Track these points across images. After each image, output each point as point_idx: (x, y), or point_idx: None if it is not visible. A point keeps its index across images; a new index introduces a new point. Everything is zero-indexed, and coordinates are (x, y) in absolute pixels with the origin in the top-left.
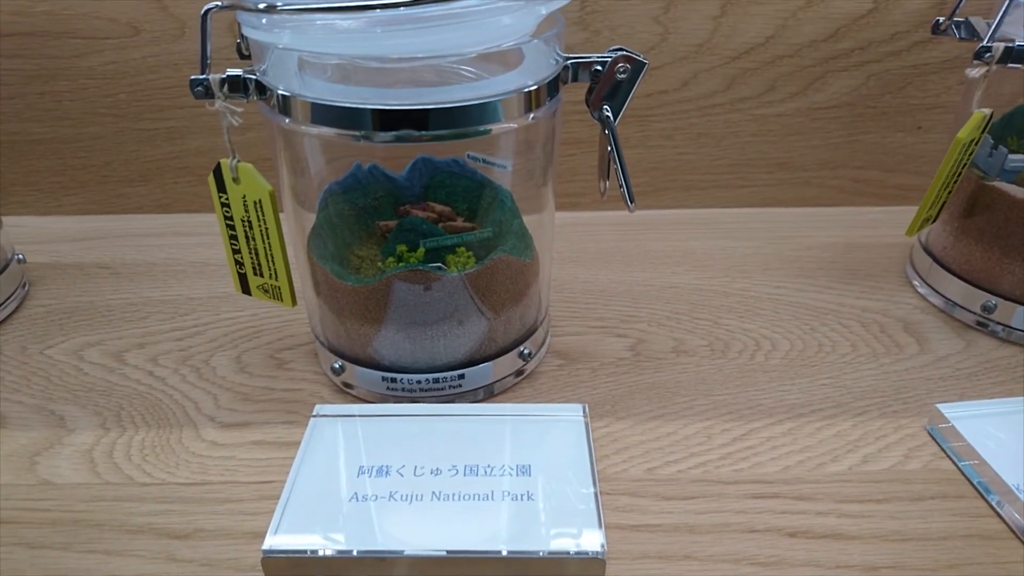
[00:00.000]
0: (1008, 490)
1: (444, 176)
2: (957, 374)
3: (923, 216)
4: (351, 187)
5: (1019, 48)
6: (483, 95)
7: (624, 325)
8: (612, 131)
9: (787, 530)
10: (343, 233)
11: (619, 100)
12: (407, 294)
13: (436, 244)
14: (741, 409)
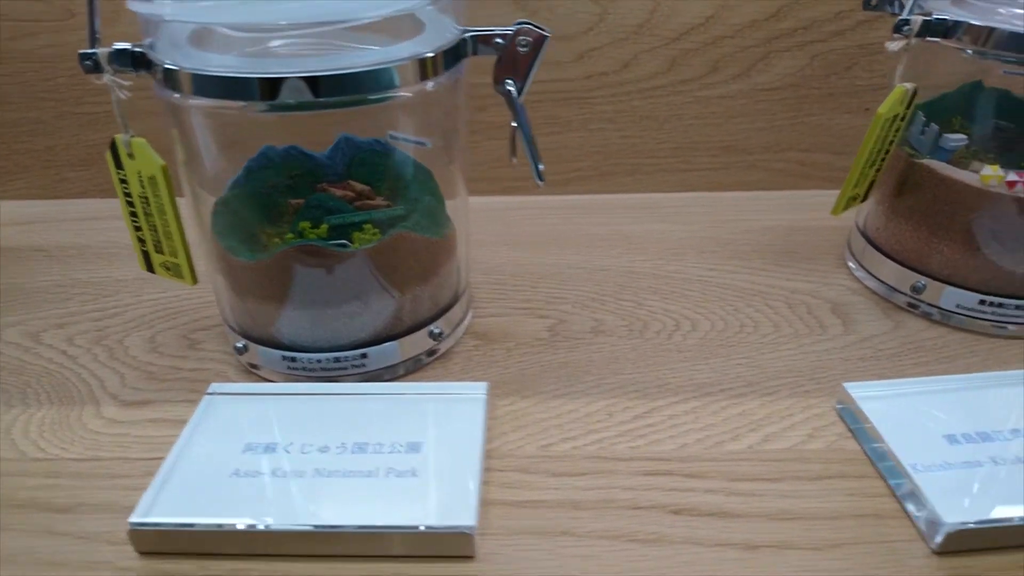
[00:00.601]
0: (902, 469)
1: (366, 155)
2: (879, 355)
3: (848, 194)
4: (264, 165)
5: (937, 21)
6: (374, 62)
7: (548, 307)
8: (514, 106)
9: (672, 507)
10: (252, 211)
11: (522, 74)
12: (303, 271)
13: (341, 221)
14: (648, 388)
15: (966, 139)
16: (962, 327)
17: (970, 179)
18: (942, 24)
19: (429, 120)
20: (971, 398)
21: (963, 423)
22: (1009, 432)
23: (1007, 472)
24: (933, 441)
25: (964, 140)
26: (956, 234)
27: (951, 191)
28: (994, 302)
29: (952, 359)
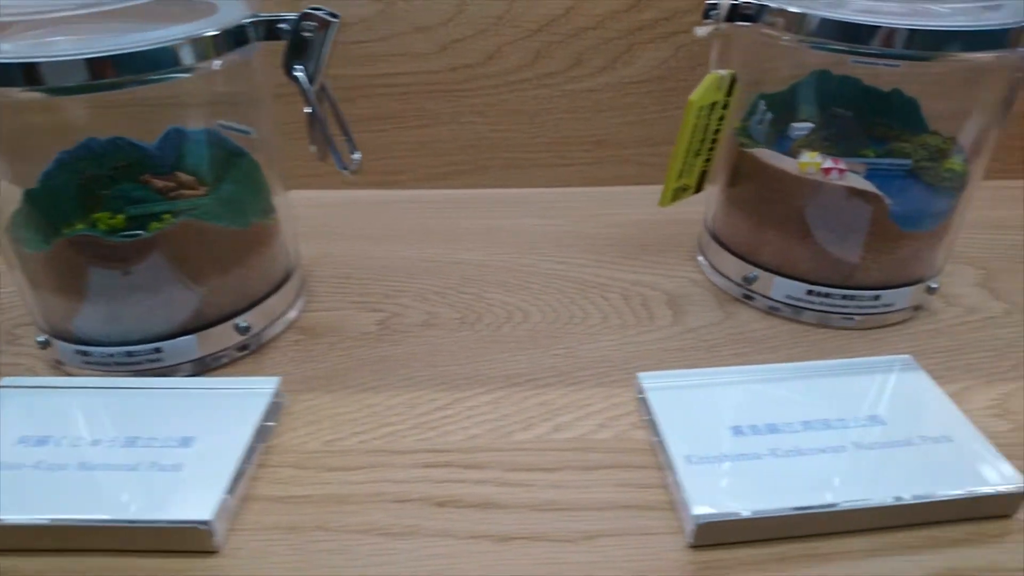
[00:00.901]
0: (670, 461)
1: (193, 145)
2: (699, 345)
3: (673, 186)
4: (82, 157)
5: (745, 5)
6: (149, 41)
7: (386, 300)
8: (306, 93)
9: (439, 500)
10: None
11: (311, 60)
12: (84, 263)
13: (140, 211)
14: (458, 379)
15: (810, 127)
16: (792, 318)
17: (790, 167)
18: (749, 8)
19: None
20: (766, 389)
21: (753, 414)
22: (799, 424)
23: (782, 465)
24: (717, 432)
25: (807, 128)
26: (781, 223)
27: (773, 180)
28: (821, 292)
29: (775, 350)
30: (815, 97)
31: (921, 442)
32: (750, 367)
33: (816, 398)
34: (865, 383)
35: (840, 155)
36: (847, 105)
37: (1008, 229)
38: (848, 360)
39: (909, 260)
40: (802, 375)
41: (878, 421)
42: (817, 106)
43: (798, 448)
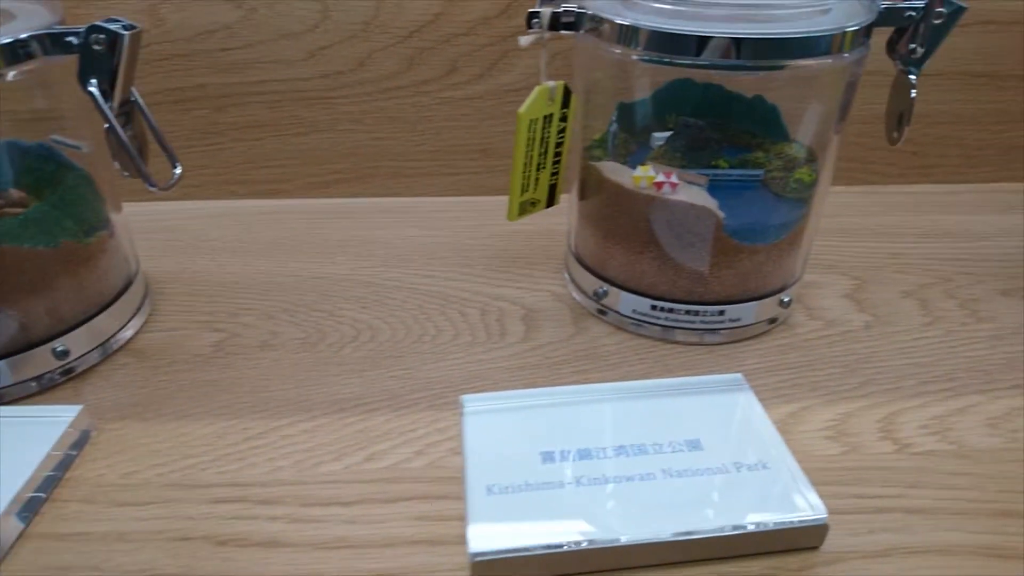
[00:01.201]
0: (466, 492)
1: (31, 160)
2: (544, 363)
3: (518, 199)
4: None
5: (566, 14)
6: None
7: (230, 319)
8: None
9: (221, 538)
10: None
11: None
12: None
13: None
14: (280, 406)
15: (666, 137)
16: (640, 334)
17: (627, 181)
18: (570, 16)
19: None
20: (589, 411)
21: (568, 439)
22: (613, 449)
23: (582, 495)
24: (527, 459)
25: (663, 139)
26: (623, 238)
27: (614, 193)
28: (665, 307)
29: (616, 367)
30: (674, 106)
31: (735, 470)
32: (577, 387)
33: (637, 421)
34: (690, 405)
35: (693, 166)
36: (710, 113)
37: (892, 237)
38: (678, 379)
39: (753, 274)
40: (629, 396)
41: (696, 446)
42: (675, 115)
43: (604, 476)
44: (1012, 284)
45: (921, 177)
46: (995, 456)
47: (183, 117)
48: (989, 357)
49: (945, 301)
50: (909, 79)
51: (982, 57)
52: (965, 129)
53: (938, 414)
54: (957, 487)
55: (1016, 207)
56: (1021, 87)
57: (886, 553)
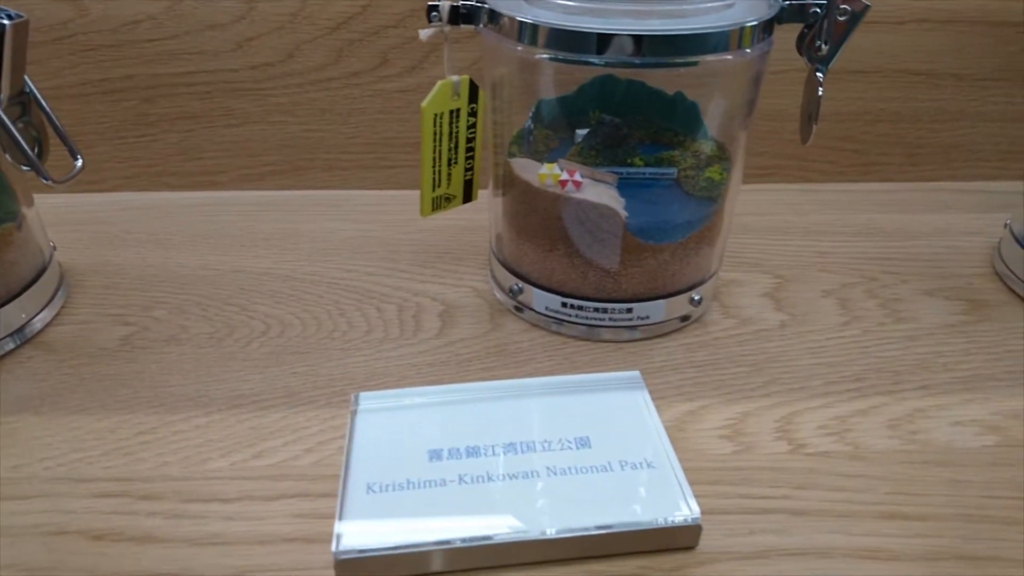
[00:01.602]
0: (343, 490)
1: None
2: (453, 359)
3: (430, 195)
4: None
5: (465, 7)
6: None
7: (142, 313)
8: None
9: (97, 533)
10: None
11: None
12: None
13: None
14: (178, 401)
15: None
16: (553, 330)
17: (534, 178)
18: (467, 10)
19: None
20: (483, 409)
21: (458, 437)
22: (502, 447)
23: (463, 493)
24: (413, 457)
25: (581, 136)
26: (534, 235)
27: (524, 191)
28: (575, 304)
29: (524, 364)
30: (597, 103)
31: (620, 468)
32: (474, 384)
33: (531, 418)
34: (585, 402)
35: (608, 163)
36: (633, 110)
37: (823, 235)
38: (576, 377)
39: (660, 272)
40: (526, 393)
41: (585, 444)
42: (598, 112)
43: (488, 474)
44: (936, 284)
45: (862, 175)
46: (890, 458)
47: (113, 108)
48: (901, 358)
49: (866, 301)
50: (816, 76)
51: (919, 55)
52: (905, 127)
53: (839, 415)
54: (846, 489)
55: (953, 206)
56: (957, 86)
57: (763, 554)
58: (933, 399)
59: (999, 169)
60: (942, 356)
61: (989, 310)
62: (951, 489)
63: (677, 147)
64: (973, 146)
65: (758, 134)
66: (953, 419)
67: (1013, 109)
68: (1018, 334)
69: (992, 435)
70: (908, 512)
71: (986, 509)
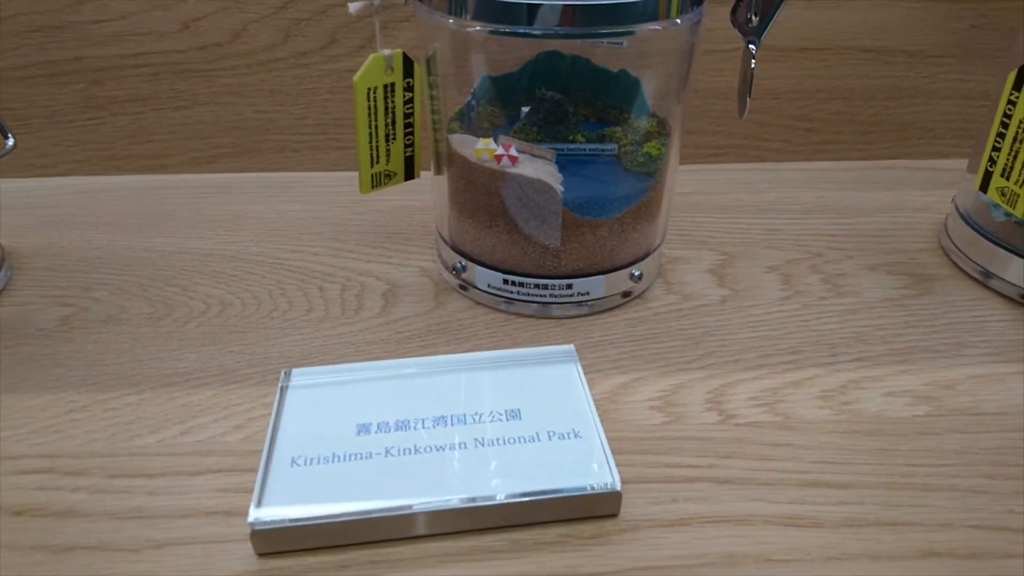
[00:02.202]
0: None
1: None
2: (393, 338)
3: (368, 171)
4: None
5: None
6: None
7: (84, 294)
8: None
9: (19, 508)
10: None
11: None
12: None
13: None
14: (111, 379)
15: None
16: (495, 307)
17: (470, 154)
18: None
19: None
20: (415, 384)
21: (388, 411)
22: (432, 420)
23: (388, 465)
24: (341, 431)
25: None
26: (473, 212)
27: (462, 167)
28: (516, 281)
29: (464, 340)
30: (539, 80)
31: (547, 438)
32: (409, 360)
33: (464, 392)
34: (519, 376)
35: (550, 140)
36: (577, 87)
37: (774, 213)
38: (511, 351)
39: (598, 248)
40: (461, 368)
41: (516, 416)
42: (542, 89)
43: (415, 446)
44: (881, 259)
45: (816, 153)
46: (819, 428)
47: (60, 91)
48: (839, 331)
49: (809, 276)
50: (749, 50)
51: (868, 32)
52: (858, 105)
53: (772, 386)
54: (772, 458)
55: (906, 183)
56: (909, 62)
57: (684, 522)
58: (867, 371)
59: (953, 147)
60: (881, 329)
61: (931, 284)
62: (877, 458)
63: (619, 124)
64: (927, 124)
65: (712, 113)
66: (886, 390)
67: (965, 87)
68: (958, 307)
69: (923, 405)
70: (832, 480)
71: (910, 476)
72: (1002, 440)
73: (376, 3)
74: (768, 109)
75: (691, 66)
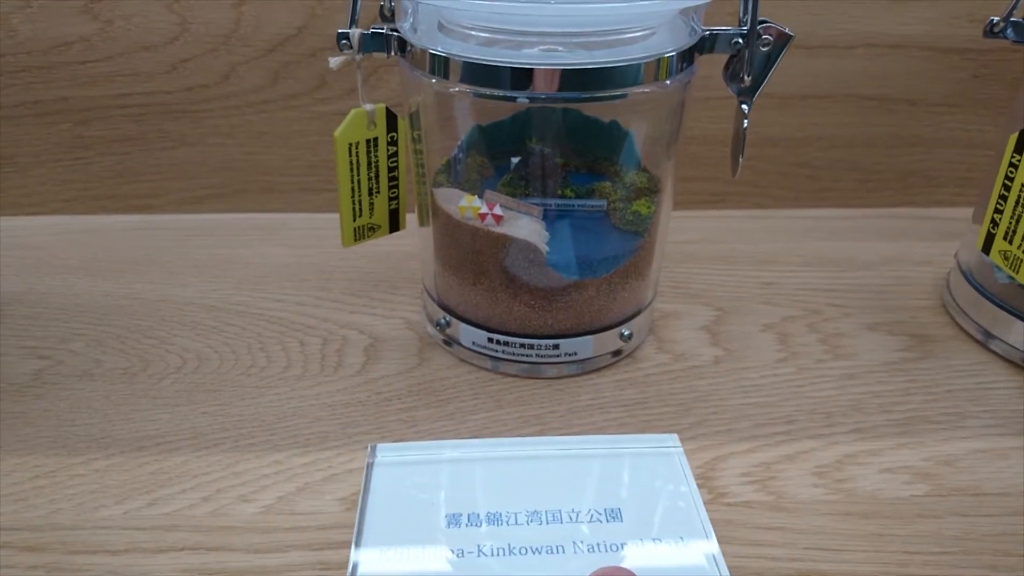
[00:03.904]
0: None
1: None
2: (372, 399)
3: (351, 224)
4: None
5: (376, 35)
6: None
7: (59, 345)
8: None
9: None
10: None
11: None
12: None
13: None
14: (80, 442)
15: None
16: (480, 366)
17: (454, 211)
18: (379, 40)
19: None
20: (508, 469)
21: (479, 501)
22: (526, 515)
23: (475, 567)
24: (427, 522)
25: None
26: (457, 267)
27: (446, 222)
28: (500, 340)
29: (447, 402)
30: (529, 130)
31: (653, 544)
32: (499, 440)
33: (559, 482)
34: (618, 467)
35: (537, 195)
36: (568, 140)
37: (770, 265)
38: (609, 437)
39: (586, 308)
40: (554, 453)
41: (616, 517)
42: (534, 142)
43: (509, 546)
44: (881, 318)
45: (817, 201)
46: (813, 508)
47: (48, 131)
48: (836, 398)
49: (806, 336)
50: (742, 109)
51: (869, 80)
52: (859, 153)
53: (765, 460)
54: (764, 543)
55: (909, 234)
56: (910, 111)
57: None
58: (865, 443)
59: (957, 195)
60: (879, 396)
61: (933, 346)
62: (873, 544)
63: (610, 177)
64: (929, 172)
65: (710, 160)
66: (883, 466)
67: (968, 136)
68: (960, 372)
69: (921, 483)
70: (826, 570)
71: (907, 566)
72: (1005, 525)
73: (357, 58)
74: (768, 157)
75: (682, 123)
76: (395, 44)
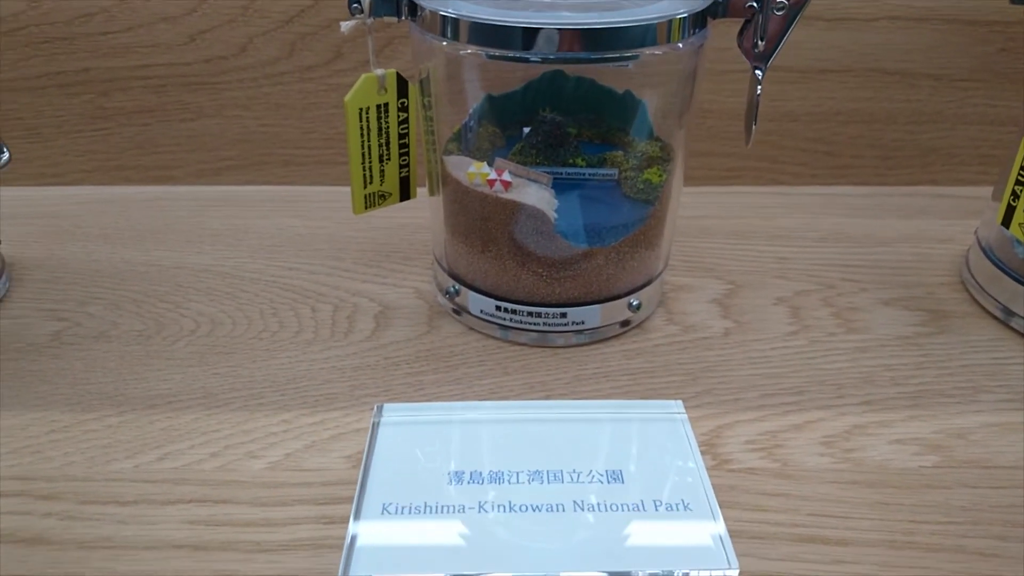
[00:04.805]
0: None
1: None
2: (382, 363)
3: (362, 192)
4: None
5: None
6: None
7: (77, 308)
8: None
9: None
10: None
11: None
12: None
13: None
14: (93, 399)
15: (525, 131)
16: (488, 334)
17: (464, 177)
18: (390, 1)
19: None
20: (511, 430)
21: (483, 459)
22: (527, 474)
23: (476, 523)
24: (430, 478)
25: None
26: (466, 235)
27: (456, 190)
28: (509, 308)
29: (454, 368)
30: (542, 100)
31: (654, 508)
32: (503, 403)
33: (561, 444)
34: (622, 431)
35: (548, 163)
36: (581, 109)
37: (786, 240)
38: (613, 402)
39: (594, 276)
40: (557, 416)
41: (617, 479)
42: (546, 110)
43: (510, 503)
44: (896, 294)
45: (836, 178)
46: (819, 477)
47: (70, 102)
48: (847, 370)
49: (819, 309)
50: (756, 75)
51: (891, 54)
52: (880, 129)
53: (771, 429)
54: (767, 508)
55: (928, 212)
56: (935, 86)
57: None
58: (875, 415)
59: (979, 174)
60: (891, 370)
61: (949, 322)
62: (878, 512)
63: (623, 147)
64: (951, 149)
65: (727, 135)
66: (893, 437)
67: (992, 112)
68: (976, 348)
69: (931, 455)
70: (829, 536)
71: (912, 535)
72: (1016, 497)
73: (368, 22)
74: (785, 132)
75: (694, 90)
76: (406, 7)
